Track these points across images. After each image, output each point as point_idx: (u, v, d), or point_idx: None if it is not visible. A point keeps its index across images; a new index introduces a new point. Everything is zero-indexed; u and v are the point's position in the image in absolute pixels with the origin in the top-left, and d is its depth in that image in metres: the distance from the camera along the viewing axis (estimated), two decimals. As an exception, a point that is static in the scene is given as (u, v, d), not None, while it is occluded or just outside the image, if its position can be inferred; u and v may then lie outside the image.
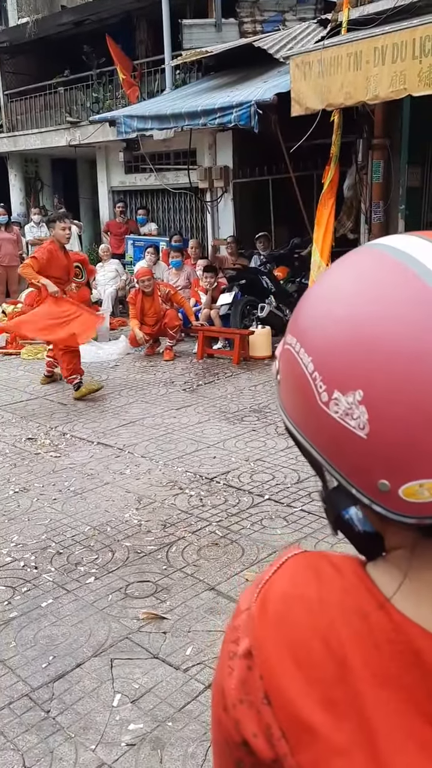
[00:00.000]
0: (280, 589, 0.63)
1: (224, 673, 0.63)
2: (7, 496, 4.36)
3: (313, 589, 0.61)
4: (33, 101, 14.03)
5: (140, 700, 2.48)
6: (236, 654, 0.62)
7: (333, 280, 0.62)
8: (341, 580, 0.61)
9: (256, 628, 0.61)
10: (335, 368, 0.56)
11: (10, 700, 2.52)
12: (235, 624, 0.64)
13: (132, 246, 11.31)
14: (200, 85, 10.03)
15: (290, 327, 0.63)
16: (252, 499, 4.16)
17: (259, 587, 0.64)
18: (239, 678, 0.61)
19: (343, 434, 0.56)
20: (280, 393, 0.66)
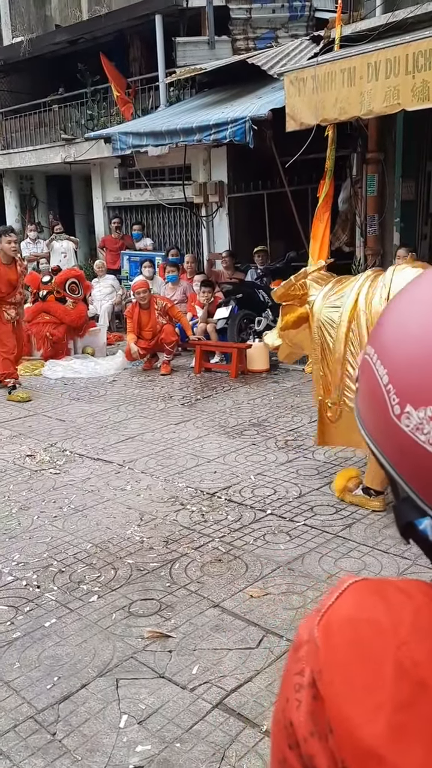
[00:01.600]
0: (345, 614, 0.62)
1: (291, 707, 0.61)
2: (8, 514, 4.33)
3: (381, 611, 0.60)
4: (28, 119, 14.12)
5: (147, 720, 2.45)
6: (302, 686, 0.61)
7: (415, 295, 0.62)
8: (411, 601, 0.60)
9: (320, 655, 0.60)
10: (409, 383, 0.57)
11: (15, 722, 2.48)
12: (298, 656, 0.63)
13: (128, 261, 11.34)
14: (194, 102, 10.12)
15: (370, 338, 0.65)
16: (254, 514, 4.14)
17: (320, 615, 0.63)
18: (308, 710, 0.60)
19: (412, 448, 0.57)
20: (357, 401, 0.67)
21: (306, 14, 10.77)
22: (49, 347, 8.61)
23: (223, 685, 2.61)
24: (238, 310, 8.32)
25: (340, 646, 0.60)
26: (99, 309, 10.20)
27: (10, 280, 7.07)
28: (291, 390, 7.05)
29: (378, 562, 3.47)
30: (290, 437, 5.55)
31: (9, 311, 7.21)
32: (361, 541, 3.71)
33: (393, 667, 0.56)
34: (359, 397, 0.66)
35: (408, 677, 0.56)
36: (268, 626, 2.97)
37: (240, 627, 2.98)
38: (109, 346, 9.44)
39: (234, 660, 2.75)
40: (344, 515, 4.06)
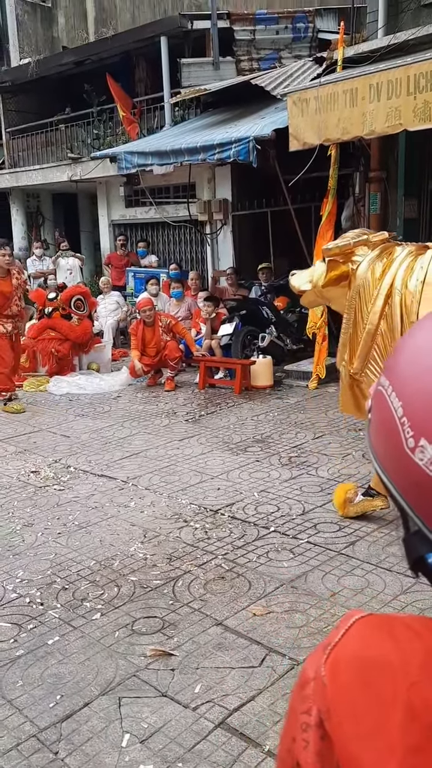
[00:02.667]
0: (352, 652, 0.60)
1: (298, 748, 0.60)
2: (12, 531, 4.34)
3: (390, 651, 0.58)
4: (34, 138, 14.29)
5: (149, 740, 2.45)
6: (309, 725, 0.60)
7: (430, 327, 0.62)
8: (421, 641, 0.59)
9: (328, 694, 0.59)
10: (425, 416, 0.57)
11: (17, 741, 2.48)
12: (304, 694, 0.62)
13: (133, 278, 11.42)
14: (199, 122, 10.24)
15: (385, 370, 0.64)
16: (257, 531, 4.15)
17: (327, 652, 0.62)
18: (316, 750, 0.59)
19: (425, 481, 0.57)
20: (369, 432, 0.67)
21: (309, 36, 10.93)
22: (54, 363, 8.67)
23: (226, 704, 2.60)
24: (242, 326, 8.37)
25: (348, 686, 0.58)
26: (104, 325, 10.26)
27: (3, 292, 7.14)
28: (295, 406, 7.07)
29: (381, 581, 3.46)
30: (294, 454, 5.56)
31: (6, 324, 7.27)
32: (365, 559, 3.71)
33: (404, 709, 0.55)
34: (372, 428, 0.65)
35: (419, 720, 0.54)
36: (270, 645, 2.97)
37: (243, 645, 2.98)
38: (113, 363, 9.48)
39: (236, 679, 2.75)
40: (348, 533, 4.06)
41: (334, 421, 6.45)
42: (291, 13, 11.04)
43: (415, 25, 6.95)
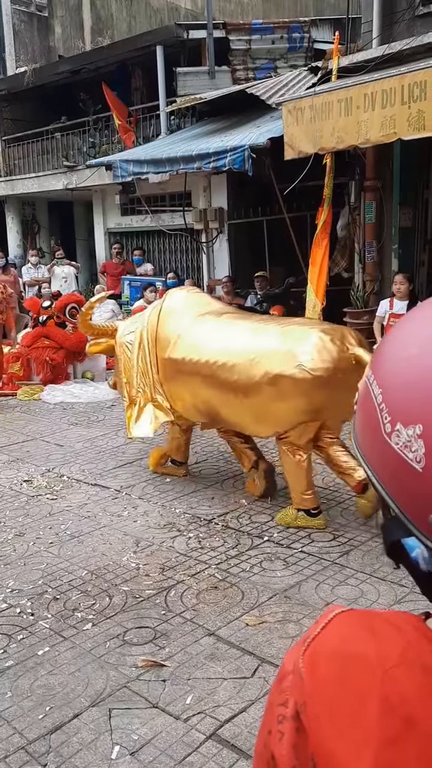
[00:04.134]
0: (330, 647, 0.61)
1: (273, 740, 0.60)
2: (3, 540, 4.30)
3: (369, 645, 0.59)
4: (30, 146, 14.32)
5: (139, 752, 2.41)
6: (285, 717, 0.60)
7: (412, 323, 0.66)
8: (400, 635, 0.59)
9: (305, 687, 0.59)
10: (400, 401, 0.60)
11: (5, 753, 2.44)
12: (282, 686, 0.62)
13: (128, 286, 11.41)
14: (194, 130, 10.28)
15: (371, 363, 0.68)
16: (251, 541, 4.12)
17: (305, 645, 0.62)
18: (290, 742, 0.59)
19: (401, 465, 0.59)
20: (354, 422, 0.70)
21: (305, 45, 11.00)
22: (49, 372, 8.64)
23: (217, 716, 2.57)
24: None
25: (325, 679, 0.58)
26: (99, 333, 10.22)
27: None
28: (290, 415, 7.04)
29: (375, 590, 3.44)
30: (288, 462, 5.53)
31: None
32: (358, 569, 3.68)
33: (379, 703, 0.55)
34: (356, 419, 0.68)
35: (395, 713, 0.55)
36: (263, 655, 2.94)
37: (235, 656, 2.95)
38: (108, 371, 9.43)
39: (228, 690, 2.72)
40: (341, 542, 4.04)
41: (328, 429, 6.43)
42: (287, 23, 11.11)
43: (410, 35, 6.99)
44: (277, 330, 4.26)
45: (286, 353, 4.06)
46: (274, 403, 4.12)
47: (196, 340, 4.57)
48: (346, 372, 3.92)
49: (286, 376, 4.01)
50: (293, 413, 4.10)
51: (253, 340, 4.27)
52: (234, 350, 4.29)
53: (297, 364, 3.99)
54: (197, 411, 4.72)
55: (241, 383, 4.21)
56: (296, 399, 4.05)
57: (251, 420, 4.35)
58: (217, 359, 4.35)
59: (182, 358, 4.59)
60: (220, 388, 4.34)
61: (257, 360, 4.14)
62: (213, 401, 4.47)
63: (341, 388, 3.88)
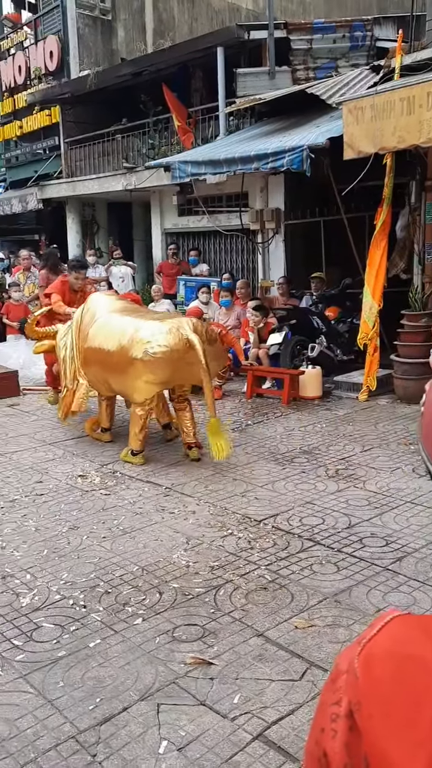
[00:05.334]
0: (387, 648, 0.61)
1: (326, 738, 0.61)
2: (58, 533, 4.40)
3: (426, 648, 0.59)
4: (91, 148, 14.57)
5: (187, 748, 2.43)
6: (339, 716, 0.60)
7: None
8: None
9: (360, 687, 0.59)
10: None
11: (57, 741, 2.50)
12: (335, 686, 0.63)
13: (183, 286, 11.49)
14: (253, 131, 10.26)
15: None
16: (301, 543, 4.10)
17: (361, 646, 0.63)
18: (342, 740, 0.59)
19: None
20: (421, 422, 0.71)
21: (367, 44, 10.84)
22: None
23: (265, 717, 2.57)
24: (292, 336, 8.32)
25: (381, 680, 0.59)
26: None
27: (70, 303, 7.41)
28: (344, 418, 6.98)
29: (428, 598, 3.37)
30: (341, 466, 5.49)
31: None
32: (412, 576, 3.62)
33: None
34: (422, 418, 0.70)
35: None
36: (312, 659, 2.92)
37: (283, 658, 2.94)
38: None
39: (276, 691, 2.71)
40: (394, 548, 3.97)
41: (384, 434, 6.34)
42: (349, 22, 10.97)
43: None
44: (140, 323, 5.62)
45: (138, 342, 5.42)
46: (137, 379, 5.50)
47: (96, 332, 5.92)
48: (181, 352, 5.31)
49: (138, 359, 5.38)
50: (149, 386, 5.55)
51: (125, 331, 5.61)
52: (114, 340, 5.66)
53: (144, 350, 5.33)
54: (102, 386, 6.08)
55: (118, 364, 5.61)
56: (147, 375, 5.44)
57: (129, 391, 5.74)
58: (105, 347, 5.73)
59: (89, 347, 5.97)
60: (108, 368, 5.77)
61: (126, 347, 5.51)
62: (107, 378, 5.87)
63: (180, 364, 5.37)
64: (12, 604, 3.51)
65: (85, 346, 6.04)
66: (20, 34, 17.62)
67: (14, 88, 17.53)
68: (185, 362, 5.37)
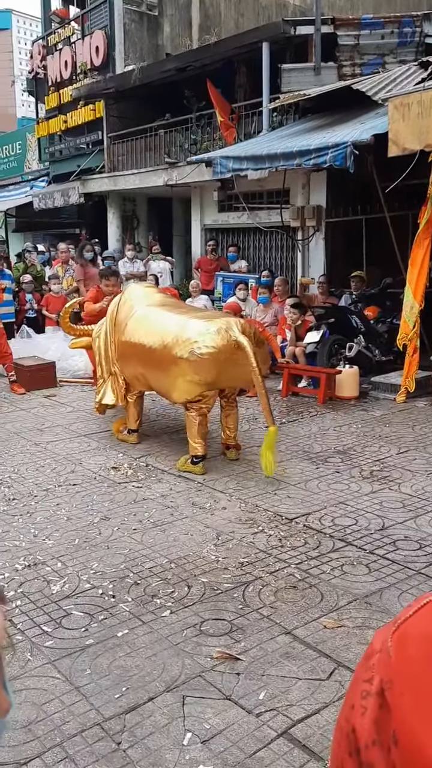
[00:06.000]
0: (421, 629, 0.60)
1: (356, 714, 0.61)
2: (89, 524, 4.44)
3: None
4: (134, 143, 14.66)
5: (211, 741, 2.43)
6: (369, 693, 0.60)
7: None
8: None
9: (392, 666, 0.59)
10: None
11: (82, 727, 2.52)
12: (369, 664, 0.63)
13: (221, 282, 11.49)
14: (296, 127, 10.19)
15: None
16: (333, 543, 4.05)
17: (396, 626, 0.62)
18: (373, 718, 0.59)
19: None
20: None
21: (416, 40, 10.67)
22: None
23: (290, 714, 2.55)
24: (330, 334, 8.24)
25: (414, 660, 0.58)
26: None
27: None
28: (380, 419, 6.89)
29: (461, 604, 3.30)
30: (376, 467, 5.41)
31: None
32: (445, 581, 3.55)
33: None
34: None
35: None
36: (340, 659, 2.88)
37: (311, 657, 2.91)
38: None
39: (303, 690, 2.69)
40: (428, 552, 3.90)
41: (421, 436, 6.24)
42: (398, 18, 10.80)
43: None
44: (185, 320, 5.42)
45: (184, 341, 5.21)
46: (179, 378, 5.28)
47: (134, 326, 5.77)
48: (229, 353, 5.11)
49: (183, 359, 5.17)
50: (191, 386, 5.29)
51: (168, 328, 5.42)
52: (155, 336, 5.48)
53: (190, 350, 5.12)
54: (137, 381, 5.91)
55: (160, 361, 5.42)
56: (192, 375, 5.20)
57: (168, 390, 5.51)
58: (145, 342, 5.55)
59: (126, 340, 5.82)
60: (147, 364, 5.61)
61: (169, 345, 5.31)
62: (145, 374, 5.71)
63: (226, 366, 5.16)
64: (42, 591, 3.55)
65: (122, 339, 5.88)
66: (67, 30, 17.81)
67: (60, 83, 17.73)
68: (232, 364, 5.16)
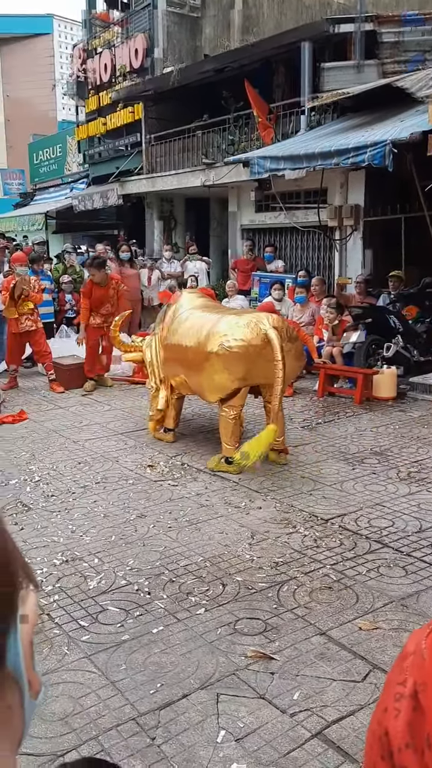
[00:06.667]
0: None
1: (389, 717, 0.60)
2: (126, 521, 4.49)
3: None
4: (171, 144, 14.74)
5: (244, 739, 2.43)
6: (403, 695, 0.60)
7: None
8: None
9: (426, 668, 0.59)
10: None
11: (117, 722, 2.55)
12: (402, 666, 0.62)
13: (258, 282, 11.47)
14: (335, 126, 10.13)
15: None
16: (369, 545, 4.02)
17: (430, 628, 0.62)
18: (406, 720, 0.59)
19: None
20: None
21: (458, 36, 10.49)
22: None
23: (325, 715, 2.54)
24: (367, 335, 8.16)
25: None
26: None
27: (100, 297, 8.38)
28: (418, 420, 6.80)
29: None
30: (414, 469, 5.35)
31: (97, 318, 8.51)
32: None
33: None
34: None
35: None
36: (375, 661, 2.86)
37: (346, 658, 2.89)
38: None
39: (337, 691, 2.67)
40: (466, 555, 3.84)
41: (459, 438, 6.14)
42: (439, 14, 10.64)
43: None
44: (218, 317, 5.46)
45: (214, 335, 5.26)
46: (212, 375, 5.31)
47: (176, 329, 5.85)
48: (259, 347, 5.09)
49: (213, 353, 5.21)
50: (224, 382, 5.31)
51: (203, 327, 5.48)
52: (192, 336, 5.55)
53: (219, 343, 5.18)
54: (180, 385, 5.94)
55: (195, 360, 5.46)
56: (222, 370, 5.23)
57: (203, 388, 5.54)
58: (183, 343, 5.64)
59: (168, 343, 5.94)
60: (185, 365, 5.66)
61: (202, 342, 5.37)
62: (184, 376, 5.74)
63: (257, 360, 5.15)
64: (80, 586, 3.60)
65: (165, 344, 5.98)
66: (109, 33, 18.00)
67: (100, 86, 17.94)
68: (263, 359, 5.10)
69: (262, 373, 5.25)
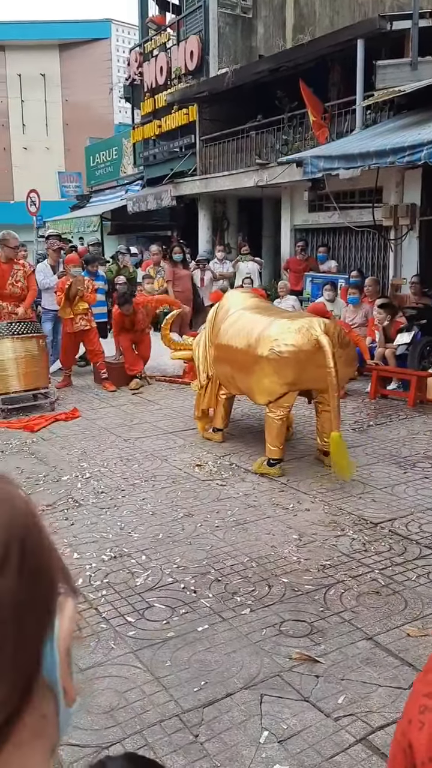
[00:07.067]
0: None
1: (413, 729, 0.60)
2: (173, 519, 4.52)
3: None
4: (225, 145, 14.76)
5: (287, 741, 2.42)
6: (428, 708, 0.59)
7: None
8: None
9: None
10: None
11: (162, 717, 2.58)
12: (428, 678, 0.62)
13: (310, 283, 11.39)
14: (390, 124, 9.96)
15: None
16: (419, 550, 3.94)
17: None
18: (430, 733, 0.58)
19: None
20: None
21: None
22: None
23: (369, 721, 2.50)
24: (422, 336, 8.00)
25: None
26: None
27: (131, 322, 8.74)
28: (472, 424, 6.62)
29: None
30: (467, 474, 5.21)
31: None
32: None
33: None
34: None
35: None
36: (423, 669, 2.80)
37: (393, 664, 2.84)
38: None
39: (383, 697, 2.64)
40: None
41: None
42: None
43: None
44: (270, 320, 5.41)
45: (265, 339, 5.24)
46: (262, 378, 5.28)
47: (226, 329, 5.82)
48: (310, 353, 5.04)
49: (263, 357, 5.18)
50: (273, 386, 5.28)
51: (254, 329, 5.45)
52: (242, 337, 5.53)
53: (270, 347, 5.15)
54: (229, 384, 5.93)
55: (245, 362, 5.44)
56: (272, 375, 5.20)
57: (252, 390, 5.50)
58: (233, 344, 5.61)
59: (219, 343, 5.90)
60: (235, 365, 5.64)
61: (253, 344, 5.35)
62: (234, 376, 5.72)
63: (307, 366, 5.09)
64: (127, 582, 3.65)
65: (216, 343, 5.97)
66: (163, 36, 18.17)
67: (155, 89, 18.12)
68: (314, 364, 5.05)
69: (312, 379, 5.22)
